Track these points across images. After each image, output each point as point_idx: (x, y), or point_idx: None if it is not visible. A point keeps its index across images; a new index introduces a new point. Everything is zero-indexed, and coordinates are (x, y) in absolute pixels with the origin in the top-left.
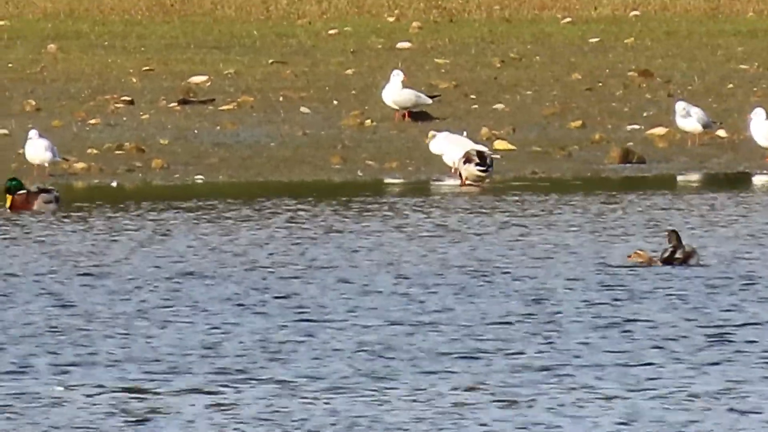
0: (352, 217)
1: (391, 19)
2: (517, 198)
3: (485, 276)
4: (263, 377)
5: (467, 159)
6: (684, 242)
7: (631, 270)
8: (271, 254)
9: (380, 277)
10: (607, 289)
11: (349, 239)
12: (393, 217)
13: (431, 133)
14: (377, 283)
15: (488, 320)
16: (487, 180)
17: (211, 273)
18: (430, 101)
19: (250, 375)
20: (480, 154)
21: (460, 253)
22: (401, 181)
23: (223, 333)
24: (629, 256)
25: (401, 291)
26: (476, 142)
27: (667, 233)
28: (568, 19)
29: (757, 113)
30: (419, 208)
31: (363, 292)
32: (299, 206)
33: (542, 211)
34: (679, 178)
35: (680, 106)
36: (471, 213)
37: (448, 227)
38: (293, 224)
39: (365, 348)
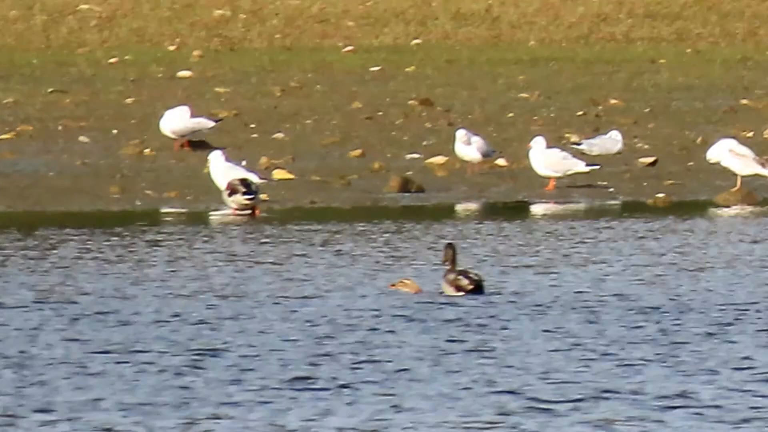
0: (128, 247)
1: (171, 48)
2: (295, 227)
3: (263, 304)
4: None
5: (233, 190)
6: (472, 271)
7: (416, 298)
8: (50, 285)
9: (161, 307)
10: (390, 316)
11: (124, 269)
12: (169, 246)
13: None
14: (157, 314)
15: (271, 347)
16: (256, 206)
17: None
18: (211, 123)
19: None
20: (244, 181)
21: (237, 282)
22: (180, 210)
23: None
24: (393, 285)
25: (181, 320)
26: (253, 172)
27: (443, 249)
28: (350, 48)
29: (537, 142)
30: (195, 238)
31: (146, 322)
32: (76, 236)
33: (319, 239)
34: (459, 207)
35: (461, 133)
36: (248, 242)
37: (223, 256)
38: (69, 254)
39: (159, 378)
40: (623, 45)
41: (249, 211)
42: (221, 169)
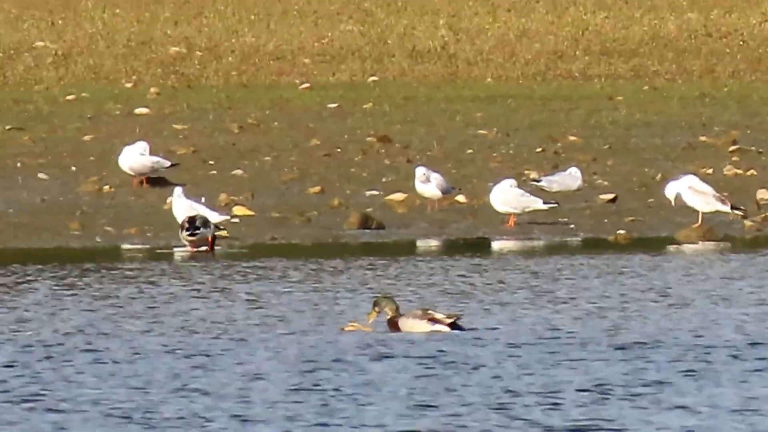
0: (88, 284)
1: (128, 85)
2: (254, 263)
3: (221, 342)
4: None
5: (181, 227)
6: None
7: (362, 335)
8: (13, 321)
9: (128, 343)
10: (354, 354)
11: (83, 306)
12: (127, 284)
13: (169, 199)
14: (119, 351)
15: (229, 388)
16: (209, 242)
17: None
18: (168, 164)
19: None
20: (191, 219)
21: (196, 318)
22: (140, 246)
23: None
24: (344, 328)
25: (148, 356)
26: (214, 209)
27: (378, 301)
28: (306, 85)
29: (505, 182)
30: (153, 275)
31: (115, 359)
32: (36, 273)
33: (278, 276)
34: (419, 243)
35: (420, 171)
36: (207, 278)
37: (181, 292)
38: (31, 290)
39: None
40: (580, 82)
41: (205, 248)
42: (182, 207)
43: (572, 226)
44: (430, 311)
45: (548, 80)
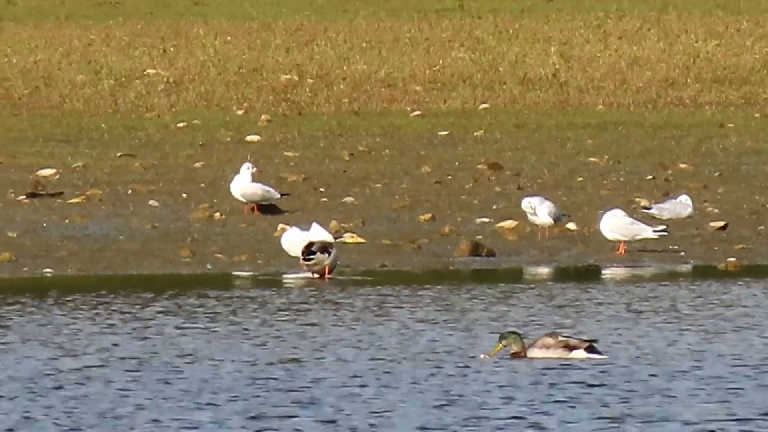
0: (198, 312)
1: (239, 112)
2: (363, 291)
3: (329, 371)
4: None
5: (301, 252)
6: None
7: (496, 363)
8: (125, 347)
9: (228, 372)
10: (480, 383)
11: (195, 333)
12: (235, 311)
13: (280, 226)
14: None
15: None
16: (323, 265)
17: (59, 371)
18: (278, 195)
19: None
20: (310, 244)
21: (304, 347)
22: (251, 274)
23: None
24: (485, 355)
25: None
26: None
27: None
28: (418, 112)
29: (614, 213)
30: (264, 302)
31: (208, 389)
32: (146, 300)
33: (387, 304)
34: (529, 271)
35: (532, 203)
36: (315, 306)
37: (295, 320)
38: (142, 317)
39: None
40: (691, 110)
41: (318, 275)
42: (296, 239)
43: (682, 253)
44: (560, 337)
45: (659, 108)
